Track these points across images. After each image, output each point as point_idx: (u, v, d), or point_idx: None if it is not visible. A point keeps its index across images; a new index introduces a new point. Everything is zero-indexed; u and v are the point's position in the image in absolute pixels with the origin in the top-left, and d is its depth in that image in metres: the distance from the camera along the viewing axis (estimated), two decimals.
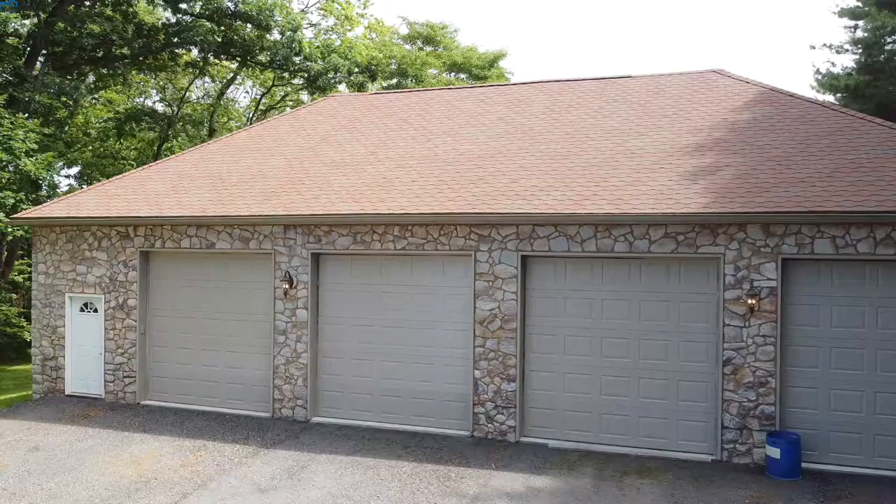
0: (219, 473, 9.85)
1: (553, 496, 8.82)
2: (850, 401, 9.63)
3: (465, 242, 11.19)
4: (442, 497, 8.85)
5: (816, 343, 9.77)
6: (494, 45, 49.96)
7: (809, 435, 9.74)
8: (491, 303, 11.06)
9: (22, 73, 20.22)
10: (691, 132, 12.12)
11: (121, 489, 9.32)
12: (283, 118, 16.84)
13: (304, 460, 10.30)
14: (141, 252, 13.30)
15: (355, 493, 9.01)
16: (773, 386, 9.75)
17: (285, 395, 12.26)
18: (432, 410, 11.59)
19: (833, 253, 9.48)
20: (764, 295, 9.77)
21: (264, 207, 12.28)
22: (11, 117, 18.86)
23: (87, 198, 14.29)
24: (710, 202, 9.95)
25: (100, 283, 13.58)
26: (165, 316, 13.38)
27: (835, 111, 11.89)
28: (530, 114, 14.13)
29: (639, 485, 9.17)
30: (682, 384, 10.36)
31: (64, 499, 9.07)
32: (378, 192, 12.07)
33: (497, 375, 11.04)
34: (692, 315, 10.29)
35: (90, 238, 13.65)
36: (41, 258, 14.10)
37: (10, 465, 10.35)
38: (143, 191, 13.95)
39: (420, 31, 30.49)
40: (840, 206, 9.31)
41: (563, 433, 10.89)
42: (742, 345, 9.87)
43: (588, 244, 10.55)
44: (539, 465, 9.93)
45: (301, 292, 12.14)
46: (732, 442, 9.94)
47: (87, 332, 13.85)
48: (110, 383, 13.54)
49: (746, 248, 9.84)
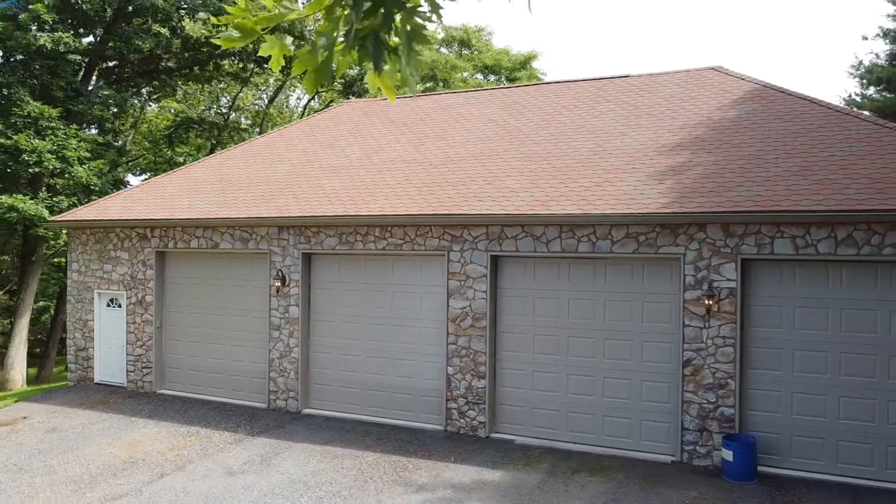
0: (200, 457, 10.62)
1: (496, 489, 9.07)
2: (812, 405, 9.39)
3: (440, 243, 11.54)
4: (390, 486, 9.27)
5: (779, 345, 9.57)
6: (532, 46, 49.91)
7: (771, 439, 9.55)
8: (462, 301, 11.37)
9: (77, 87, 21.99)
10: (672, 131, 12.01)
11: (110, 468, 10.23)
12: (297, 125, 17.67)
13: (280, 448, 10.94)
14: (157, 252, 14.36)
15: (312, 479, 9.56)
16: (732, 388, 9.63)
17: (279, 388, 12.98)
18: (411, 405, 12.01)
19: (793, 253, 9.28)
20: (723, 296, 9.66)
21: (261, 210, 13.04)
22: (66, 128, 20.57)
23: (114, 202, 15.51)
24: (670, 202, 9.92)
25: (122, 281, 14.75)
26: (178, 311, 14.39)
27: (823, 107, 11.51)
28: (523, 116, 14.31)
29: (586, 482, 9.28)
30: (646, 384, 10.35)
31: (59, 474, 10.05)
32: (364, 195, 12.60)
33: (468, 372, 11.34)
34: (655, 315, 10.28)
35: (114, 239, 14.83)
36: (74, 257, 15.42)
37: (26, 444, 11.51)
38: (162, 195, 15.03)
39: (454, 35, 30.89)
40: (798, 206, 9.11)
41: (532, 430, 11.07)
42: (702, 346, 9.79)
43: (553, 244, 10.70)
44: (497, 460, 10.18)
45: (293, 290, 12.82)
46: (693, 444, 9.87)
47: (112, 326, 15.06)
48: (131, 373, 14.67)
49: (706, 248, 9.76)
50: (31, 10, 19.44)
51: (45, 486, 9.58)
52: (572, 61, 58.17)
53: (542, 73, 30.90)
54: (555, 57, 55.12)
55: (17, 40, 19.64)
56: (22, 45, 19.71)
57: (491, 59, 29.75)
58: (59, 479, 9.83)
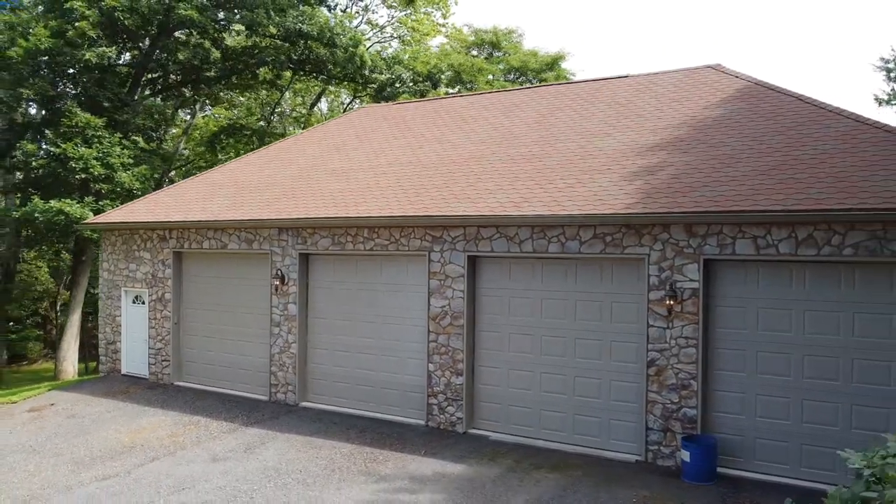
0: (193, 444, 11.35)
1: (452, 482, 9.37)
2: (776, 407, 9.26)
3: (422, 243, 11.91)
4: (354, 475, 9.70)
5: (742, 346, 9.47)
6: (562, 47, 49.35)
7: (734, 440, 9.47)
8: (442, 300, 11.70)
9: (123, 98, 23.47)
10: (654, 132, 11.98)
11: (110, 451, 11.08)
12: (312, 130, 18.38)
13: (267, 438, 11.55)
14: (174, 252, 15.30)
15: (285, 467, 10.10)
16: (695, 389, 9.59)
17: (279, 381, 13.63)
18: (396, 400, 12.42)
19: (754, 253, 9.18)
20: (686, 296, 9.64)
21: (264, 212, 13.74)
22: (110, 136, 22.02)
23: (141, 205, 16.59)
24: (635, 203, 9.97)
25: (145, 279, 15.77)
26: (194, 308, 15.28)
27: (808, 104, 11.24)
28: (519, 118, 14.50)
29: (542, 478, 9.45)
30: (615, 384, 10.42)
31: (65, 456, 10.97)
32: (356, 198, 13.10)
33: (447, 369, 11.66)
34: (623, 315, 10.33)
35: (138, 240, 15.88)
36: (105, 257, 16.58)
37: (46, 428, 12.56)
38: (182, 198, 15.98)
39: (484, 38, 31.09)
40: (757, 206, 9.02)
41: (508, 427, 11.29)
42: (666, 346, 9.80)
43: (525, 245, 10.90)
44: (464, 455, 10.46)
45: (291, 289, 13.45)
46: (657, 444, 9.88)
47: (137, 321, 16.11)
48: (152, 365, 15.67)
49: (670, 248, 9.76)
50: (77, 27, 20.92)
51: (49, 467, 10.49)
52: (604, 60, 57.43)
53: (571, 73, 30.76)
54: (586, 57, 54.57)
55: (66, 56, 21.18)
56: (70, 60, 21.24)
57: (518, 61, 29.84)
58: (63, 461, 10.74)
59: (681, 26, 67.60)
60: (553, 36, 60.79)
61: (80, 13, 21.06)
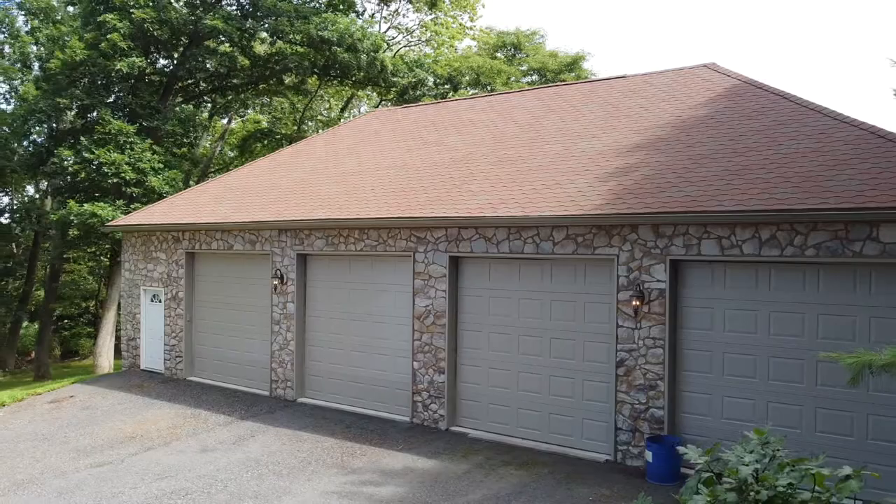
0: (188, 436, 11.93)
1: (418, 476, 9.63)
2: (742, 409, 9.19)
3: (407, 244, 12.21)
4: (328, 468, 10.07)
5: (709, 347, 9.43)
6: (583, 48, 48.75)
7: (702, 441, 9.40)
8: (426, 300, 11.96)
9: (155, 105, 24.55)
10: (638, 132, 11.97)
11: (111, 440, 11.76)
12: (324, 134, 18.89)
13: (258, 431, 12.04)
14: (187, 253, 16.01)
15: (267, 459, 10.55)
16: (662, 389, 9.60)
17: (279, 377, 14.14)
18: (385, 397, 12.75)
19: (719, 254, 9.14)
20: (653, 297, 9.65)
21: (264, 214, 14.27)
22: (141, 142, 23.08)
23: (159, 208, 17.40)
24: (605, 203, 10.03)
25: (161, 279, 16.55)
26: (204, 306, 15.96)
27: (791, 102, 11.05)
28: (513, 121, 14.64)
29: (507, 474, 9.62)
30: (587, 384, 10.49)
31: (70, 444, 11.69)
32: (350, 200, 13.49)
33: (431, 367, 11.92)
34: (596, 315, 10.39)
35: (155, 241, 16.67)
36: (126, 257, 17.45)
37: (62, 418, 13.37)
38: (196, 201, 16.70)
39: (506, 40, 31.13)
40: (721, 206, 8.98)
41: (487, 425, 11.47)
42: (634, 346, 9.83)
43: (503, 245, 11.07)
44: (439, 451, 10.70)
45: (290, 288, 13.94)
46: (626, 444, 9.92)
47: (154, 319, 16.92)
48: (167, 361, 16.43)
49: (638, 249, 9.79)
50: (110, 38, 22.02)
51: (54, 454, 11.20)
52: (627, 60, 56.52)
53: (592, 73, 30.51)
54: (610, 56, 53.80)
55: (100, 66, 22.32)
56: (104, 70, 22.36)
57: (537, 62, 29.79)
58: (68, 448, 11.45)
59: (702, 26, 66.04)
60: (576, 36, 60.36)
61: (113, 25, 22.15)
